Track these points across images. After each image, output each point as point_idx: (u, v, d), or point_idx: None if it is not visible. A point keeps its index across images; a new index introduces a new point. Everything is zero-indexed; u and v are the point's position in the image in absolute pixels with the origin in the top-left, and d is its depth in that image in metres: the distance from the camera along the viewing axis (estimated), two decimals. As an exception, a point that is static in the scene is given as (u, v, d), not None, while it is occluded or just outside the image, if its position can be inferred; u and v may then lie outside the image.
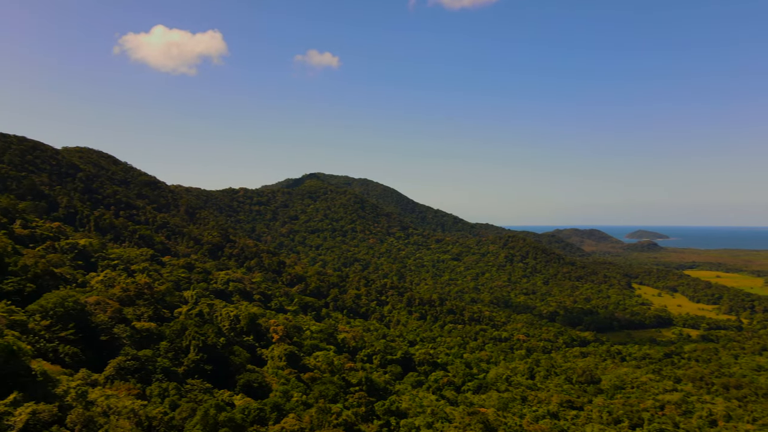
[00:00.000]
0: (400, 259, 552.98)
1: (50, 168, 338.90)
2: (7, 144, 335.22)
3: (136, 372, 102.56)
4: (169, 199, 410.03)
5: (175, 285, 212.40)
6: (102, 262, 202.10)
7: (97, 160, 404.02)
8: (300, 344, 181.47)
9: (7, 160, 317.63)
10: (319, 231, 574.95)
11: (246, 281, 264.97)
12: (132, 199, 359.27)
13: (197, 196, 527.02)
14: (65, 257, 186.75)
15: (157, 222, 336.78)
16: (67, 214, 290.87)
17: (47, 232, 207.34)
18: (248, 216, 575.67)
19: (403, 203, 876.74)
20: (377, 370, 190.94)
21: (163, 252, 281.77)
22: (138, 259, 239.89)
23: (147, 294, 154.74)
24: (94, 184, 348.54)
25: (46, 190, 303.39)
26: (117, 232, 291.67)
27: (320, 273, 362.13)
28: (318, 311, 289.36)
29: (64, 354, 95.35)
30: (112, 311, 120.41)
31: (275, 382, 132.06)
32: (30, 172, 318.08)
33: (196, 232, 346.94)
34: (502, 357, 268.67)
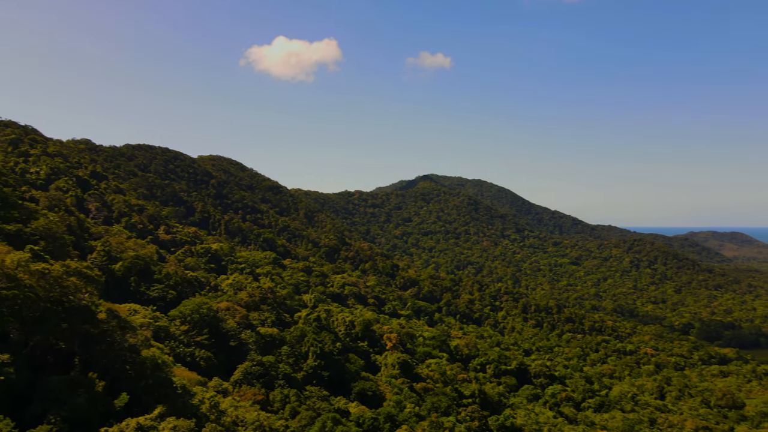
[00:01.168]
0: (515, 263, 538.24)
1: (188, 176, 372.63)
2: (153, 155, 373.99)
3: (261, 377, 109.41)
4: (289, 203, 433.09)
5: (295, 288, 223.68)
6: (231, 266, 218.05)
7: (227, 167, 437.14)
8: (413, 351, 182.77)
9: (153, 170, 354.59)
10: (432, 233, 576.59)
11: (360, 285, 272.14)
12: (257, 204, 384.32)
13: (315, 200, 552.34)
14: (200, 260, 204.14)
15: (279, 225, 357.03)
16: (202, 218, 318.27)
17: (185, 237, 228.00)
18: (363, 218, 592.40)
19: (518, 204, 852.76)
20: (491, 381, 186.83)
21: (284, 255, 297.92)
22: (262, 263, 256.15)
23: (270, 299, 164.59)
24: (225, 189, 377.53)
25: (184, 196, 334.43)
26: (244, 235, 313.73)
27: (433, 277, 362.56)
28: (431, 316, 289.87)
29: (200, 358, 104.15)
30: (240, 317, 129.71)
31: (388, 392, 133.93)
32: (172, 180, 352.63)
33: (314, 235, 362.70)
34: (626, 372, 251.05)
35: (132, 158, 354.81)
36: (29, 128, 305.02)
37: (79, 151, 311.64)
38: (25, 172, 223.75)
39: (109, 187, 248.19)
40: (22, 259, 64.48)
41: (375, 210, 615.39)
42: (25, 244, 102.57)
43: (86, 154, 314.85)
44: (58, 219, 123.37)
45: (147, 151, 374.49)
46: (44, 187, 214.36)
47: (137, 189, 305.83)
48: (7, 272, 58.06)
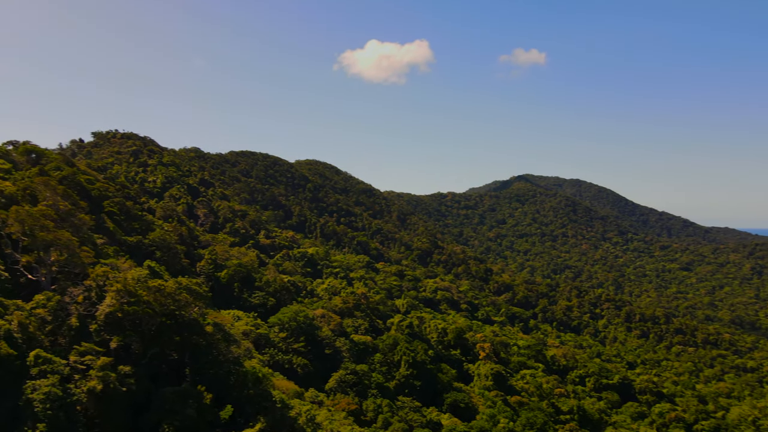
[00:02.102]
0: (617, 268, 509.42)
1: (286, 180, 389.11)
2: (255, 161, 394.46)
3: (354, 386, 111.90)
4: (382, 205, 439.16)
5: (388, 293, 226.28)
6: (326, 270, 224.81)
7: (322, 171, 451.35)
8: (507, 361, 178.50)
9: (254, 175, 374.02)
10: (528, 235, 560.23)
11: (453, 289, 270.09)
12: (351, 207, 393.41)
13: (408, 202, 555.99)
14: (297, 265, 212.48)
15: (372, 228, 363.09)
16: (299, 222, 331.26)
17: (283, 241, 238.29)
18: (456, 220, 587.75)
19: (620, 205, 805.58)
20: (590, 396, 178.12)
21: (377, 258, 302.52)
22: (356, 266, 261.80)
23: (363, 305, 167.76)
24: (320, 193, 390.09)
25: (282, 200, 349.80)
26: (338, 238, 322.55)
27: (528, 281, 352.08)
28: (526, 322, 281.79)
29: (297, 365, 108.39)
30: (334, 324, 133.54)
31: (481, 404, 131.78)
32: (271, 184, 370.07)
33: (407, 238, 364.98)
34: (747, 392, 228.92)
35: (235, 164, 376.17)
36: (147, 139, 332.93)
37: (189, 159, 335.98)
38: (144, 181, 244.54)
39: (215, 193, 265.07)
40: (141, 275, 70.41)
41: (468, 212, 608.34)
42: (144, 254, 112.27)
43: (196, 162, 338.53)
44: (171, 229, 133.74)
45: (249, 157, 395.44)
46: (160, 194, 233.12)
47: (240, 194, 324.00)
48: (130, 289, 63.56)
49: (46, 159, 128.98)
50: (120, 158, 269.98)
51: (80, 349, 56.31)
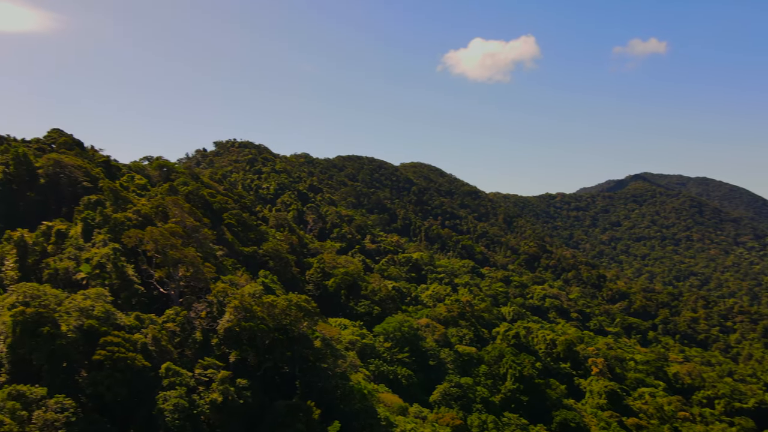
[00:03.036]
0: (752, 276, 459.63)
1: (391, 183, 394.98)
2: (361, 165, 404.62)
3: (459, 399, 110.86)
4: (488, 207, 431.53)
5: (493, 300, 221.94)
6: (431, 275, 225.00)
7: (426, 174, 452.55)
8: (622, 377, 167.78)
9: (360, 179, 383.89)
10: (646, 239, 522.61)
11: (563, 297, 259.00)
12: (455, 210, 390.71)
13: (514, 203, 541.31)
14: (402, 270, 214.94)
15: (477, 231, 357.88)
16: (404, 225, 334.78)
17: (389, 246, 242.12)
18: (565, 222, 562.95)
19: (756, 205, 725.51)
20: (720, 421, 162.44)
21: (482, 262, 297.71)
22: (460, 271, 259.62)
23: (468, 313, 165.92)
24: (425, 196, 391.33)
25: (388, 203, 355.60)
26: (443, 242, 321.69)
27: (647, 289, 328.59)
28: (644, 335, 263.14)
29: (401, 376, 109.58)
30: (438, 334, 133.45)
31: (594, 425, 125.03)
32: (377, 188, 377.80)
33: (513, 242, 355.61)
34: None
35: (342, 169, 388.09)
36: (262, 147, 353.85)
37: (299, 165, 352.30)
38: (258, 188, 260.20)
39: (323, 199, 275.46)
40: (256, 291, 74.92)
41: (579, 213, 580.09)
42: (259, 264, 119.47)
43: (305, 167, 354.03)
44: (282, 238, 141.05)
45: (355, 162, 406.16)
46: (273, 200, 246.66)
47: (347, 198, 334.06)
48: (246, 306, 67.87)
49: (175, 174, 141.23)
50: (237, 166, 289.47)
51: (204, 363, 61.05)
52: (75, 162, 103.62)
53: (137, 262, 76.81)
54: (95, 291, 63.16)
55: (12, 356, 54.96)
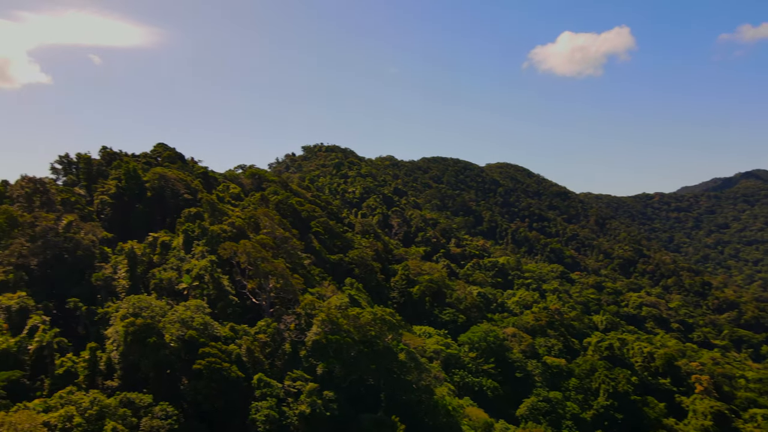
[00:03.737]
0: None
1: (476, 185, 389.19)
2: (446, 166, 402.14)
3: (547, 415, 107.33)
4: (578, 209, 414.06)
5: (584, 308, 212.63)
6: (517, 281, 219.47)
7: (513, 174, 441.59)
8: (731, 397, 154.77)
9: (445, 181, 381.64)
10: (758, 242, 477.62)
11: (662, 306, 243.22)
12: (543, 211, 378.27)
13: (607, 204, 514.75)
14: (487, 275, 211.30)
15: (567, 234, 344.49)
16: (489, 228, 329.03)
17: (474, 250, 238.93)
18: (664, 224, 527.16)
19: None
20: None
21: (572, 267, 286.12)
22: (549, 276, 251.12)
23: (557, 321, 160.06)
24: (511, 197, 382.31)
25: (473, 205, 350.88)
26: (530, 245, 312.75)
27: (760, 299, 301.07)
28: (756, 348, 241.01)
29: (487, 388, 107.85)
30: (525, 345, 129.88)
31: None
32: (461, 190, 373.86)
33: (606, 245, 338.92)
34: None
35: (427, 171, 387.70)
36: (348, 151, 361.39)
37: (384, 168, 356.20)
38: (345, 192, 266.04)
39: (408, 202, 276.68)
40: (342, 304, 76.73)
41: (680, 215, 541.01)
42: (345, 271, 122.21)
43: (390, 170, 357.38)
44: (368, 245, 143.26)
45: (440, 163, 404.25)
46: (358, 204, 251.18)
47: (431, 200, 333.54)
48: (332, 319, 69.71)
49: (266, 183, 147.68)
50: (324, 171, 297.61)
51: (293, 375, 63.41)
52: (177, 175, 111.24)
53: (232, 273, 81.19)
54: (195, 303, 67.50)
55: (123, 362, 60.03)
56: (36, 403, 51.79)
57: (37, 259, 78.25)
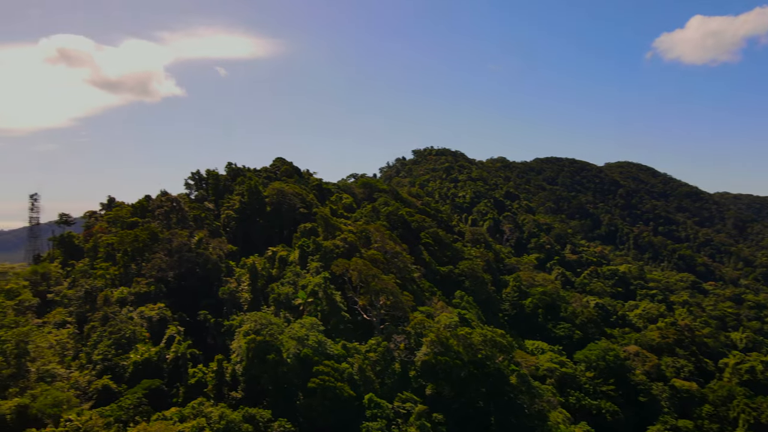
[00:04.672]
0: None
1: (594, 186, 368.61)
2: (560, 167, 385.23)
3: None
4: (712, 211, 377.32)
5: (720, 323, 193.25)
6: (640, 291, 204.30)
7: (636, 174, 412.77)
8: None
9: (560, 182, 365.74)
10: None
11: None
12: (671, 213, 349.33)
13: (747, 205, 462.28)
14: (606, 284, 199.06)
15: (699, 239, 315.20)
16: (608, 232, 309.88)
17: (591, 257, 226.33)
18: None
19: None
20: None
21: (705, 276, 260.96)
22: (677, 287, 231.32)
23: (687, 339, 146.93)
24: (633, 199, 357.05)
25: (590, 208, 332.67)
26: (655, 251, 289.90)
27: None
28: None
29: (605, 411, 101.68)
30: (650, 365, 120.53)
31: None
32: (578, 191, 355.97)
33: (747, 252, 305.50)
34: None
35: (540, 172, 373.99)
36: (458, 153, 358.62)
37: (495, 170, 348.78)
38: (455, 196, 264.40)
39: (520, 206, 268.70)
40: (452, 323, 76.35)
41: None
42: (454, 283, 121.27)
43: (501, 172, 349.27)
44: (478, 255, 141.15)
45: (554, 164, 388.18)
46: (469, 209, 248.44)
47: (545, 203, 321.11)
48: (442, 340, 69.60)
49: (377, 193, 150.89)
50: (435, 175, 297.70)
51: (402, 396, 64.20)
52: (293, 189, 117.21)
53: (344, 289, 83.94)
54: (309, 320, 70.72)
55: (246, 376, 64.42)
56: (172, 411, 57.15)
57: (173, 272, 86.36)
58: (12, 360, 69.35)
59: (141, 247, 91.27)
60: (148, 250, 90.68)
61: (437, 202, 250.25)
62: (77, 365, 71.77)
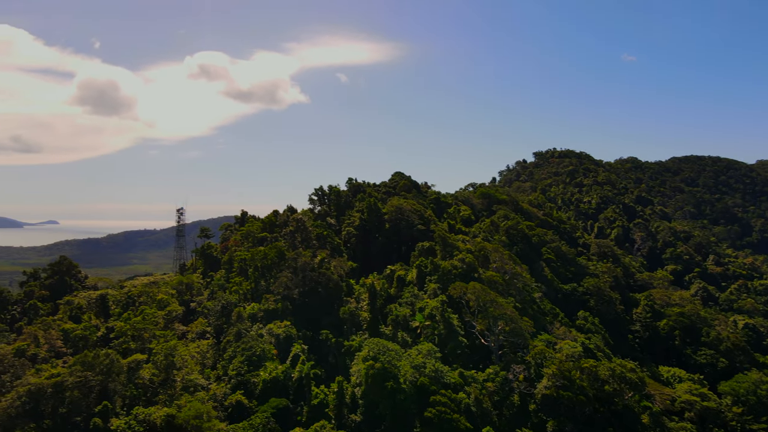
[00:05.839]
0: None
1: (743, 187, 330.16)
2: (702, 167, 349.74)
3: None
4: None
5: None
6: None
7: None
8: None
9: (701, 183, 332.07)
10: None
11: None
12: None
13: None
14: (758, 301, 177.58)
15: None
16: (761, 240, 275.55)
17: (739, 269, 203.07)
18: None
19: None
20: None
21: None
22: None
23: None
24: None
25: (738, 212, 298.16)
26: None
27: None
28: None
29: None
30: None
31: None
32: (722, 193, 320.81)
33: None
34: None
35: (677, 173, 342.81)
36: (584, 155, 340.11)
37: (625, 172, 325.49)
38: (579, 202, 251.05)
39: (653, 212, 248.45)
40: (575, 353, 72.54)
41: None
42: (578, 302, 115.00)
43: (632, 173, 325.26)
44: (605, 270, 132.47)
45: (694, 163, 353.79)
46: (594, 216, 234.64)
47: (683, 207, 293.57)
48: (564, 372, 66.37)
49: (496, 205, 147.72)
50: (557, 179, 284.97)
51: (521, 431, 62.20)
52: (411, 205, 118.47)
53: (461, 312, 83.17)
54: (426, 347, 71.00)
55: (365, 400, 66.25)
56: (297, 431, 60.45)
57: (298, 289, 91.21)
58: (162, 370, 77.73)
59: (269, 264, 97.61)
60: (275, 267, 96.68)
61: (560, 209, 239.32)
62: (215, 376, 78.53)
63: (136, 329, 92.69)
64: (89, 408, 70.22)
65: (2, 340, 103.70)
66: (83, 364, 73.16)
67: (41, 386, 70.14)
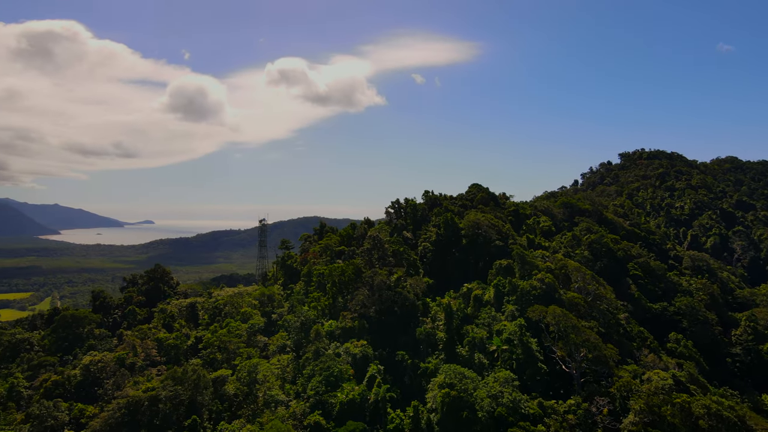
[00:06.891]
0: None
1: None
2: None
3: None
4: None
5: None
6: None
7: None
8: None
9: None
10: None
11: None
12: None
13: None
14: None
15: None
16: None
17: None
18: None
19: None
20: None
21: None
22: None
23: None
24: None
25: None
26: None
27: None
28: None
29: None
30: None
31: None
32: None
33: None
34: None
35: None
36: (675, 156, 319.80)
37: (723, 173, 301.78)
38: (670, 207, 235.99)
39: (757, 218, 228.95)
40: (665, 385, 68.22)
41: None
42: (668, 323, 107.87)
43: (731, 175, 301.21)
44: (700, 287, 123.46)
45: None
46: (687, 222, 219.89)
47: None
48: (653, 407, 62.57)
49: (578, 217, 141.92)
50: (645, 183, 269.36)
51: (605, 472, 59.18)
52: (489, 220, 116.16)
53: (540, 336, 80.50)
54: (504, 375, 69.34)
55: (440, 427, 65.75)
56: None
57: (374, 308, 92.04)
58: (245, 385, 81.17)
59: (347, 281, 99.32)
60: (352, 284, 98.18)
61: (648, 215, 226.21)
62: (294, 392, 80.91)
63: (222, 341, 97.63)
64: (179, 421, 74.61)
65: (105, 346, 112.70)
66: (174, 378, 77.85)
67: (139, 399, 75.44)
